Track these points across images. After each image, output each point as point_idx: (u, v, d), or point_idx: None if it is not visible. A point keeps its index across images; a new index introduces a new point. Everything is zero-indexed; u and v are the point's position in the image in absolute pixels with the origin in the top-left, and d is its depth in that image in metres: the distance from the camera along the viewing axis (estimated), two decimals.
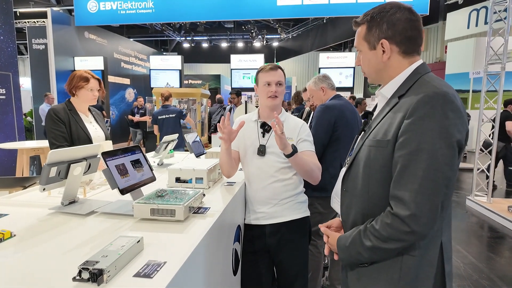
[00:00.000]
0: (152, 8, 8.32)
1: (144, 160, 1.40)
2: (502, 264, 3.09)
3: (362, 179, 0.99)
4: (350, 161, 1.06)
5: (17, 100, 5.60)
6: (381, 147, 0.93)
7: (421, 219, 0.84)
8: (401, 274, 0.93)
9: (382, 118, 0.98)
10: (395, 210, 0.87)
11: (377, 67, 1.02)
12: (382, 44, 0.97)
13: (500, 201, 4.85)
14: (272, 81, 1.62)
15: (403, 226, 0.86)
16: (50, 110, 2.07)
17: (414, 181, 0.85)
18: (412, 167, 0.85)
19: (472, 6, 10.06)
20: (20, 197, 1.51)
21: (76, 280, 0.74)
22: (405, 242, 0.89)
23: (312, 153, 1.64)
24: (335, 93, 2.33)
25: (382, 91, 1.04)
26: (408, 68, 0.98)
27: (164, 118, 4.96)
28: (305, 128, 1.67)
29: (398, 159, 0.88)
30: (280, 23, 14.65)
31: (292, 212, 1.62)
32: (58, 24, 8.79)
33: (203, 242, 1.00)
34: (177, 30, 15.80)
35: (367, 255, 0.95)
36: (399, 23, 0.95)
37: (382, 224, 0.90)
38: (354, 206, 1.03)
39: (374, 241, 0.92)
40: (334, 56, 10.74)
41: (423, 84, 0.92)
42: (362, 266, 1.00)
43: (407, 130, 0.87)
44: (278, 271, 1.69)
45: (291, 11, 8.07)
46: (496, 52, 4.76)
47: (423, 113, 0.85)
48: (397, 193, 0.88)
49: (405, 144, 0.87)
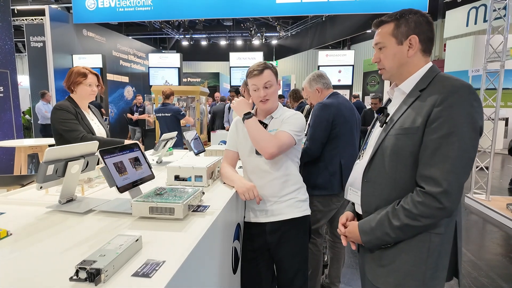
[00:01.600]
0: (150, 6, 8.28)
1: (143, 157, 1.39)
2: (501, 262, 3.10)
3: (389, 167, 1.06)
4: (372, 153, 1.12)
5: (15, 98, 5.58)
6: (411, 133, 1.02)
7: (452, 196, 0.95)
8: (429, 253, 1.02)
9: (406, 109, 1.07)
10: (427, 188, 0.97)
11: (401, 61, 1.11)
12: (411, 40, 1.08)
13: (499, 199, 4.85)
14: (259, 86, 1.57)
15: (435, 202, 0.96)
16: (57, 105, 2.06)
17: (446, 161, 0.95)
18: (443, 149, 0.96)
19: (471, 4, 10.04)
20: (17, 195, 1.49)
21: (73, 280, 0.73)
22: (436, 218, 0.98)
23: (283, 133, 1.53)
24: (331, 91, 2.31)
25: (401, 87, 1.13)
26: (424, 67, 1.10)
27: (160, 116, 4.96)
28: (296, 116, 1.60)
29: (429, 142, 0.98)
30: (279, 21, 14.60)
31: (292, 211, 1.60)
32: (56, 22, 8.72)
33: (202, 240, 0.99)
34: (176, 28, 15.74)
35: (395, 235, 1.03)
36: (423, 24, 1.08)
37: (413, 203, 0.99)
38: (378, 194, 1.10)
39: (404, 219, 1.00)
40: (333, 54, 10.72)
41: (444, 79, 1.03)
42: (384, 247, 1.08)
43: (438, 116, 0.97)
44: (278, 269, 1.69)
45: (290, 9, 8.04)
46: (495, 50, 4.75)
47: (452, 101, 0.96)
48: (428, 173, 0.97)
49: (437, 129, 0.97)
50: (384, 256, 1.09)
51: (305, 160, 2.15)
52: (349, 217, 1.25)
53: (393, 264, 1.07)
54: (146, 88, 11.53)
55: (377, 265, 1.11)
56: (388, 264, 1.08)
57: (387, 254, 1.08)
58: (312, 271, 2.21)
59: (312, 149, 2.10)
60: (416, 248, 1.03)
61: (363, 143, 1.24)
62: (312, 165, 2.17)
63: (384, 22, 1.13)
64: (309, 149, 2.10)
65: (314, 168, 2.16)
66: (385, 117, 1.15)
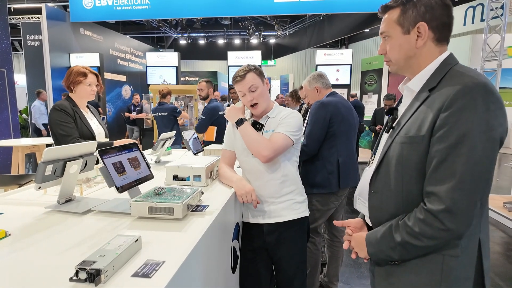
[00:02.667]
0: (148, 4, 8.24)
1: (141, 157, 1.39)
2: (498, 260, 3.12)
3: (395, 179, 0.94)
4: (379, 160, 1.00)
5: (12, 97, 5.54)
6: (415, 143, 0.89)
7: (457, 217, 0.81)
8: (443, 276, 0.89)
9: (413, 113, 0.93)
10: (428, 205, 0.84)
11: (408, 53, 0.96)
12: (419, 28, 0.92)
13: (495, 197, 4.88)
14: (244, 91, 1.56)
15: (436, 222, 0.83)
16: (56, 106, 2.05)
17: (451, 175, 0.81)
18: (449, 161, 0.82)
19: (468, 3, 10.07)
20: (15, 195, 1.48)
21: (73, 280, 0.73)
22: (438, 240, 0.85)
23: (278, 134, 1.52)
24: (330, 91, 2.34)
25: (409, 85, 0.99)
26: (437, 59, 0.94)
27: (157, 115, 4.97)
28: (292, 115, 1.58)
29: (435, 154, 0.84)
30: (277, 20, 14.59)
31: (290, 212, 1.60)
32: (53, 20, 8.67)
33: (202, 240, 0.99)
34: (173, 27, 15.68)
35: (398, 251, 0.91)
36: (437, 7, 0.91)
37: (414, 220, 0.87)
38: (387, 208, 0.97)
39: (405, 236, 0.88)
40: (331, 53, 10.71)
41: (457, 75, 0.88)
42: (392, 264, 0.97)
43: (444, 123, 0.83)
44: (277, 269, 1.69)
45: (288, 8, 8.03)
46: (492, 49, 4.78)
47: (462, 105, 0.81)
48: (432, 189, 0.84)
49: (443, 138, 0.83)
50: (393, 273, 0.97)
51: (302, 159, 2.15)
52: (352, 224, 1.14)
53: (401, 283, 0.96)
54: (144, 87, 11.49)
55: (386, 282, 1.00)
56: (396, 282, 0.97)
57: (396, 271, 0.97)
58: (311, 270, 2.22)
59: (309, 147, 2.11)
60: (428, 270, 0.90)
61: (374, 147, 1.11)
62: (310, 163, 2.18)
63: (389, 7, 0.98)
64: (306, 147, 2.11)
65: (312, 167, 2.17)
66: (392, 121, 1.03)
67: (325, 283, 2.45)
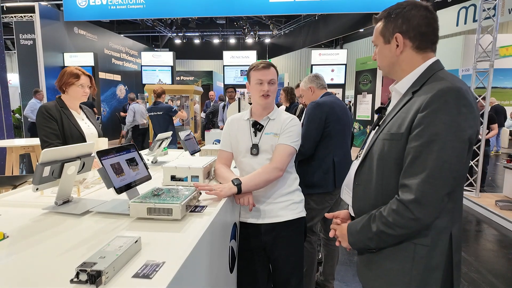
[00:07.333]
0: (143, 4, 8.20)
1: (139, 158, 1.39)
2: (490, 257, 3.17)
3: (376, 173, 1.03)
4: (364, 155, 1.09)
5: (5, 96, 5.47)
6: (395, 140, 0.97)
7: (425, 207, 0.89)
8: (414, 264, 0.97)
9: (396, 113, 1.02)
10: (401, 196, 0.93)
11: (390, 60, 1.06)
12: (396, 38, 1.02)
13: (488, 195, 4.95)
14: (265, 80, 1.59)
15: (407, 212, 0.91)
16: (42, 107, 2.03)
17: (422, 170, 0.89)
18: (422, 158, 0.90)
19: (461, 4, 10.17)
20: (12, 197, 1.48)
21: (74, 282, 0.73)
22: (409, 229, 0.93)
23: (284, 147, 1.56)
24: (324, 91, 2.37)
25: (396, 87, 1.07)
26: (422, 65, 1.02)
27: (153, 115, 4.96)
28: (294, 122, 1.62)
29: (410, 150, 0.93)
30: (272, 20, 14.60)
31: (287, 213, 1.61)
32: (46, 19, 8.60)
33: (201, 241, 1.00)
34: (168, 26, 15.61)
35: (374, 240, 1.00)
36: (414, 19, 0.99)
37: (388, 211, 0.95)
38: (367, 199, 1.06)
39: (380, 226, 0.97)
40: (326, 53, 10.77)
41: (438, 80, 0.95)
42: (370, 251, 1.06)
43: (420, 122, 0.91)
44: (274, 269, 1.70)
45: (284, 8, 8.06)
46: (485, 49, 4.84)
47: (436, 107, 0.89)
48: (406, 181, 0.92)
49: (418, 136, 0.91)
50: (372, 260, 1.07)
51: (298, 159, 2.17)
52: (341, 215, 1.24)
53: (379, 270, 1.05)
54: (139, 86, 11.44)
55: (367, 269, 1.09)
56: (375, 269, 1.06)
57: (374, 259, 1.06)
58: (307, 269, 2.24)
59: (305, 148, 2.13)
60: (400, 258, 0.99)
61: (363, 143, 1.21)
62: (306, 163, 2.20)
63: (377, 19, 1.09)
64: (303, 147, 2.12)
65: (308, 167, 2.19)
66: (379, 119, 1.12)
67: (321, 282, 2.47)
